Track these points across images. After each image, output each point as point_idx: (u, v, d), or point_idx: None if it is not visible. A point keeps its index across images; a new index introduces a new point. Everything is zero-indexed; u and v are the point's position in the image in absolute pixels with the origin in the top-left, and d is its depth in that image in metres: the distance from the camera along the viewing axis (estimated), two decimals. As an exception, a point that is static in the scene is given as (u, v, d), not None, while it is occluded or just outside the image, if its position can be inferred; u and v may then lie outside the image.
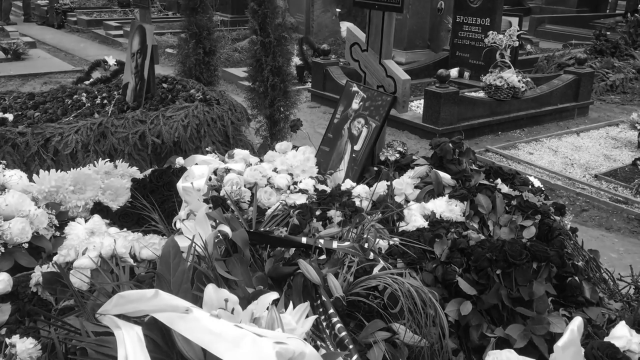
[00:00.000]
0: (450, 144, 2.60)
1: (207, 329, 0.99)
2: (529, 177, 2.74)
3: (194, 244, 1.30)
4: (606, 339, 1.35)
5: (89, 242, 1.82)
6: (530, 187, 2.61)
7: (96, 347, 0.95)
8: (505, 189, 2.53)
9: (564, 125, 7.28)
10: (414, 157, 2.71)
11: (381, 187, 2.47)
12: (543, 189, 2.67)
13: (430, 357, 1.70)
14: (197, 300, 1.10)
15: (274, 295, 1.15)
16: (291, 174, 2.62)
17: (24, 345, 1.61)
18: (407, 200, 2.48)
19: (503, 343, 1.88)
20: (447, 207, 2.32)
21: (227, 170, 2.53)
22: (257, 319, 1.11)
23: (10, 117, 3.74)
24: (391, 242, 2.07)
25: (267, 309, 1.13)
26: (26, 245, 1.88)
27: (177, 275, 1.13)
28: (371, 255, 1.71)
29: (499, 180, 2.58)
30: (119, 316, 1.05)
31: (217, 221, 1.62)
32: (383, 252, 1.95)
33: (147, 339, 0.99)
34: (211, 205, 1.89)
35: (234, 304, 1.12)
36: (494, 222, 2.36)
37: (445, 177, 2.50)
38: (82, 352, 0.95)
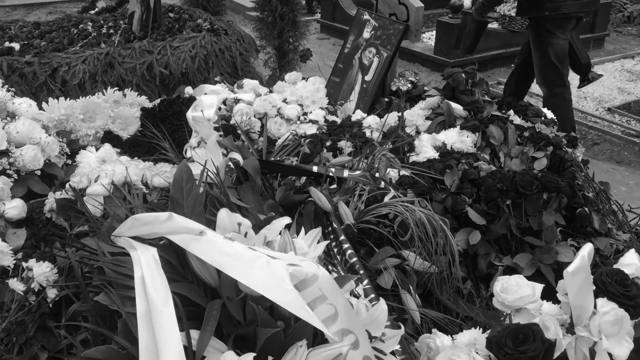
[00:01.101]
0: (463, 75, 2.55)
1: (221, 250, 1.01)
2: (542, 108, 2.70)
3: (206, 170, 1.31)
4: (615, 267, 1.37)
5: (101, 169, 1.82)
6: (542, 118, 2.58)
7: (113, 267, 0.96)
8: (517, 120, 2.50)
9: (578, 58, 7.11)
10: (425, 88, 2.67)
11: (392, 118, 2.45)
12: (556, 120, 2.64)
13: (439, 284, 1.74)
14: (211, 225, 1.11)
15: (286, 219, 1.16)
16: (301, 105, 2.60)
17: (40, 268, 1.65)
18: (417, 132, 2.46)
19: (511, 272, 1.90)
20: (458, 138, 2.31)
21: (237, 101, 2.51)
22: (269, 243, 1.12)
23: (16, 46, 3.69)
24: (401, 173, 2.07)
25: (280, 233, 1.14)
26: (39, 173, 1.89)
27: (190, 200, 1.14)
28: (382, 184, 1.71)
29: (511, 112, 2.55)
30: (134, 239, 1.06)
31: (228, 149, 1.62)
32: (393, 182, 1.95)
33: (162, 260, 1.00)
34: (222, 133, 1.89)
35: (247, 228, 1.13)
36: (506, 154, 2.35)
37: (457, 108, 2.47)
38: (99, 272, 0.97)
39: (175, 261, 1.05)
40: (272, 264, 1.00)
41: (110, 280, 0.94)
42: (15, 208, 1.77)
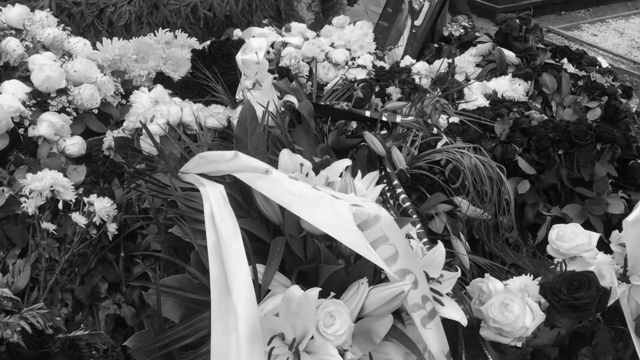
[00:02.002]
0: (517, 20, 2.48)
1: (286, 189, 1.03)
2: (597, 57, 2.62)
3: (267, 112, 1.32)
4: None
5: (156, 109, 1.86)
6: (597, 67, 2.51)
7: (185, 201, 1.00)
8: (571, 69, 2.44)
9: (632, 5, 6.79)
10: (477, 34, 2.61)
11: (442, 64, 2.41)
12: (611, 70, 2.56)
13: (487, 231, 1.75)
14: (272, 165, 1.13)
15: (347, 161, 1.18)
16: (349, 50, 2.57)
17: (101, 203, 1.71)
18: (467, 79, 2.42)
19: (558, 222, 1.89)
20: (510, 86, 2.27)
21: (285, 44, 2.50)
22: (331, 184, 1.15)
23: (63, -14, 3.70)
24: (450, 120, 2.06)
25: (340, 175, 1.16)
26: (96, 112, 1.94)
27: (254, 139, 1.16)
28: (435, 131, 1.71)
29: (565, 60, 2.48)
30: (201, 176, 1.10)
31: (283, 91, 1.63)
32: (442, 130, 1.94)
33: (228, 197, 1.04)
34: (276, 75, 1.89)
35: (308, 169, 1.16)
36: (558, 103, 2.31)
37: (509, 55, 2.41)
38: (170, 205, 1.01)
39: (240, 198, 1.08)
40: (336, 203, 1.02)
41: (182, 214, 0.98)
42: (75, 145, 1.83)
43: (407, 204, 1.46)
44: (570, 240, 1.26)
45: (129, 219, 1.82)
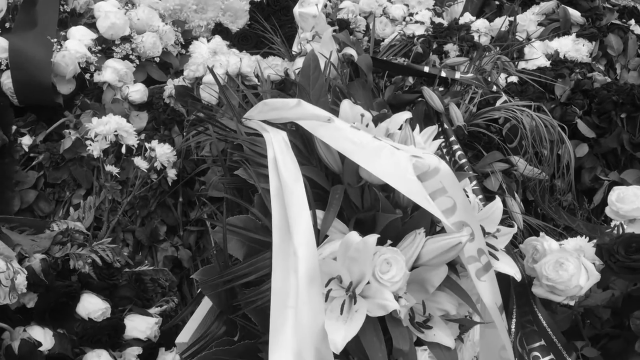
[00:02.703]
0: (585, -22, 2.39)
1: (347, 138, 1.05)
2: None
3: (329, 62, 1.33)
4: None
5: (215, 59, 1.89)
6: (667, 29, 2.40)
7: (250, 145, 1.03)
8: (639, 30, 2.34)
9: None
10: (540, -9, 2.53)
11: (502, 22, 2.35)
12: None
13: (542, 192, 1.73)
14: (333, 114, 1.15)
15: (407, 114, 1.18)
16: (406, 5, 2.53)
17: (162, 149, 1.77)
18: (529, 38, 2.36)
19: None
20: (573, 47, 2.20)
21: (342, -2, 2.48)
22: (390, 135, 1.15)
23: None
24: (509, 80, 2.02)
25: (400, 127, 1.16)
26: (157, 60, 1.98)
27: (316, 88, 1.18)
28: (494, 89, 1.69)
29: (632, 21, 2.38)
30: (264, 122, 1.12)
31: (342, 44, 1.63)
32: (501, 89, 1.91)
33: (290, 144, 1.06)
34: (336, 27, 1.89)
35: (368, 120, 1.16)
36: (623, 66, 2.23)
37: (574, 14, 2.33)
38: (236, 148, 1.04)
39: (302, 146, 1.10)
40: (396, 154, 1.03)
41: (247, 157, 1.01)
42: (138, 92, 1.88)
43: (464, 160, 1.45)
44: (631, 203, 1.25)
45: (187, 165, 1.88)
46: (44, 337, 1.04)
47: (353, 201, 1.10)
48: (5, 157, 1.73)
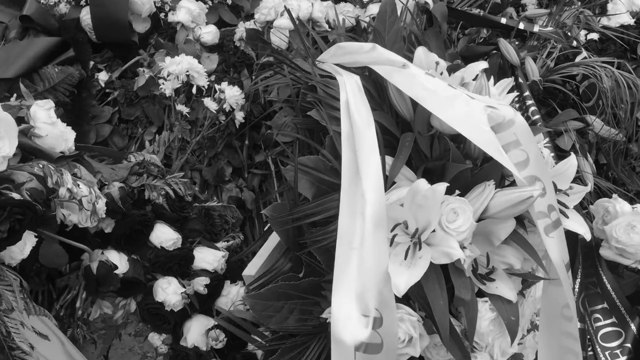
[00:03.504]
0: None
1: (422, 84, 1.04)
2: None
3: (406, 8, 1.30)
4: None
5: (287, 3, 1.87)
6: None
7: (323, 87, 1.03)
8: None
9: None
10: (631, -57, 2.36)
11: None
12: None
13: (615, 155, 1.67)
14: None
15: (483, 64, 1.15)
16: (485, -46, 2.42)
17: (231, 91, 1.80)
18: (613, -7, 2.23)
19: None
20: (662, 4, 2.06)
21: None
22: (465, 85, 1.13)
23: None
24: (589, 37, 1.92)
25: (475, 78, 1.14)
26: (229, 2, 1.99)
27: (392, 33, 1.16)
28: (574, 44, 1.62)
29: None
30: (337, 66, 1.12)
31: (417, -9, 1.59)
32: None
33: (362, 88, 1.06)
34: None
35: (442, 68, 1.14)
36: None
37: (666, -32, 2.17)
38: (309, 89, 1.05)
39: (374, 91, 1.09)
40: (471, 103, 1.01)
41: (320, 99, 1.01)
42: (210, 33, 1.90)
43: (537, 116, 1.41)
44: None
45: (255, 109, 1.91)
46: (119, 261, 1.09)
47: (422, 150, 1.10)
48: (82, 92, 1.79)
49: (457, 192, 1.01)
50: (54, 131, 1.02)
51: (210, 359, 1.20)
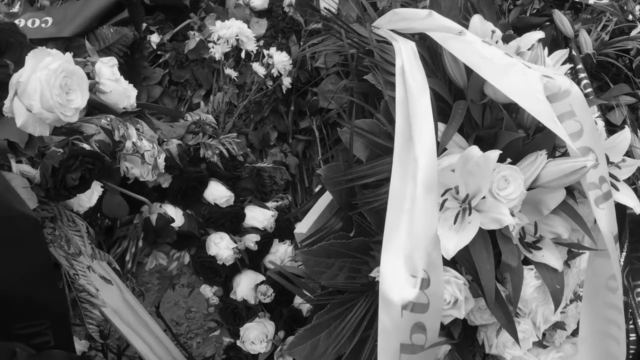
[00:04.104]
0: None
1: (478, 52, 1.04)
2: None
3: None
4: None
5: (338, -30, 1.87)
6: None
7: (380, 52, 1.05)
8: None
9: None
10: None
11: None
12: None
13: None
14: (462, 29, 1.13)
15: (539, 34, 1.15)
16: None
17: (280, 57, 1.82)
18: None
19: None
20: None
21: None
22: (520, 54, 1.13)
23: None
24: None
25: (531, 47, 1.13)
26: (280, -32, 2.00)
27: (448, 1, 1.16)
28: (629, 17, 1.58)
29: None
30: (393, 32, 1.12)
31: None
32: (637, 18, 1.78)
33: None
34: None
35: (498, 37, 1.14)
36: None
37: None
38: (366, 53, 1.06)
39: (428, 58, 1.10)
40: (527, 72, 1.01)
41: (376, 64, 1.03)
42: (259, -3, 1.92)
43: (589, 90, 1.40)
44: None
45: (301, 75, 1.93)
46: (175, 215, 1.14)
47: (474, 118, 1.11)
48: (135, 53, 1.83)
49: (509, 160, 1.02)
50: (117, 88, 1.06)
51: (258, 312, 1.25)
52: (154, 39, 1.88)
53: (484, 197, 1.00)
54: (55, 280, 0.98)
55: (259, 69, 1.80)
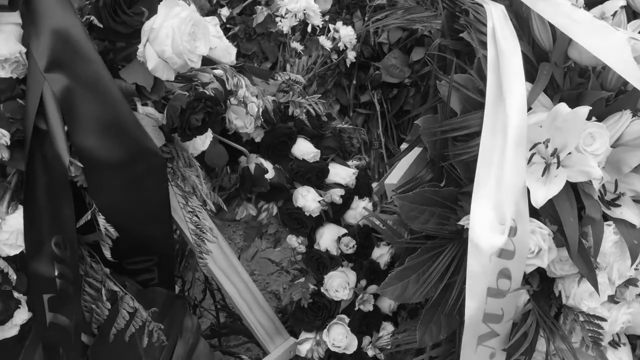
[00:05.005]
0: None
1: (566, 14, 1.09)
2: None
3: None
4: None
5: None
6: None
7: (474, 12, 1.10)
8: None
9: None
10: None
11: None
12: None
13: None
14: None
15: (622, 1, 1.19)
16: None
17: (345, 31, 1.88)
18: None
19: None
20: None
21: None
22: (605, 19, 1.18)
23: None
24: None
25: (614, 13, 1.18)
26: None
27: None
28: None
29: None
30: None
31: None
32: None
33: (505, 18, 1.12)
34: None
35: (581, 4, 1.19)
36: None
37: None
38: (463, 12, 1.11)
39: (514, 21, 1.15)
40: (615, 33, 1.06)
41: (470, 23, 1.08)
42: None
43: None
44: None
45: (365, 50, 1.99)
46: (266, 167, 1.21)
47: (556, 81, 1.16)
48: (207, 25, 1.90)
49: (594, 118, 1.07)
50: (221, 44, 1.13)
51: (340, 262, 1.32)
52: (224, 12, 1.95)
53: (570, 153, 1.06)
54: (168, 218, 1.05)
55: (325, 42, 1.85)
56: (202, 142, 1.02)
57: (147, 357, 1.20)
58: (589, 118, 1.07)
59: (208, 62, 1.11)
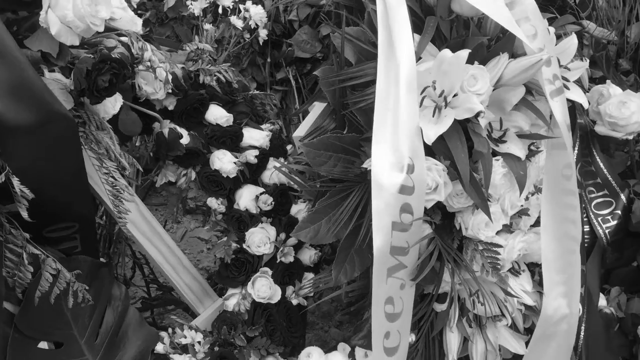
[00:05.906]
0: None
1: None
2: None
3: None
4: None
5: None
6: None
7: (361, -29, 1.19)
8: None
9: None
10: None
11: None
12: None
13: (607, 60, 1.84)
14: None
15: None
16: None
17: (255, 10, 1.95)
18: None
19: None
20: None
21: None
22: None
23: None
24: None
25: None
26: None
27: None
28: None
29: None
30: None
31: None
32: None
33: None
34: None
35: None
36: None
37: None
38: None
39: (401, -21, 1.25)
40: (488, -15, 1.18)
41: (359, -18, 1.17)
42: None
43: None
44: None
45: (276, 27, 2.06)
46: (180, 132, 1.26)
47: (443, 32, 1.26)
48: (117, 12, 1.92)
49: (476, 63, 1.18)
50: (125, 15, 1.17)
51: (260, 219, 1.38)
52: (134, -2, 1.98)
53: (456, 94, 1.16)
54: (85, 183, 1.09)
55: (236, 22, 1.92)
56: (112, 105, 1.07)
57: (76, 324, 1.23)
58: (472, 63, 1.18)
59: (114, 31, 1.16)
